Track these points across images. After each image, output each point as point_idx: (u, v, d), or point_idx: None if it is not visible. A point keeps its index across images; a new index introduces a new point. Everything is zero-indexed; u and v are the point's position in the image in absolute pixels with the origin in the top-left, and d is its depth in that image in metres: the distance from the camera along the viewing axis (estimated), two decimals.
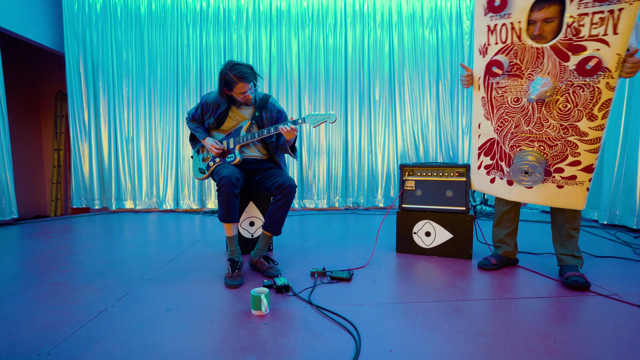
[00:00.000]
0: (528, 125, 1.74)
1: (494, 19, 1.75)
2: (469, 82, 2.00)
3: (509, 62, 1.74)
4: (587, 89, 1.53)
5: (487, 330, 1.36)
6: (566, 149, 1.66)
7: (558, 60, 1.58)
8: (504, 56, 1.75)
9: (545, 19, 1.59)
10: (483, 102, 1.93)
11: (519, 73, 1.72)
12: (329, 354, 1.21)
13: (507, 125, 1.83)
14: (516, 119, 1.78)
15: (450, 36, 4.26)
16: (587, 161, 1.62)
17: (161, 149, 4.24)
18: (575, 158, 1.65)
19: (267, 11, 4.17)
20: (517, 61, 1.71)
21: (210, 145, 2.11)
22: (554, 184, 1.74)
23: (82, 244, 2.77)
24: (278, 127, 2.01)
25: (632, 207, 2.94)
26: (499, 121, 1.86)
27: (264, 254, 2.07)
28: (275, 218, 2.01)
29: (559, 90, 1.61)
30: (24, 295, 1.74)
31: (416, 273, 2.02)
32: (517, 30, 1.68)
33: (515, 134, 1.81)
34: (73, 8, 4.08)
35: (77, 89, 4.15)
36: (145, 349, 1.25)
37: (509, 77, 1.76)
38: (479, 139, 2.02)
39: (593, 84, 1.51)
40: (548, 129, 1.68)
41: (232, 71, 1.92)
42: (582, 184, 1.66)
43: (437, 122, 4.32)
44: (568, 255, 1.89)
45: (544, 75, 1.64)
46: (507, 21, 1.70)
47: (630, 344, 1.26)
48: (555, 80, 1.60)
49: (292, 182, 2.00)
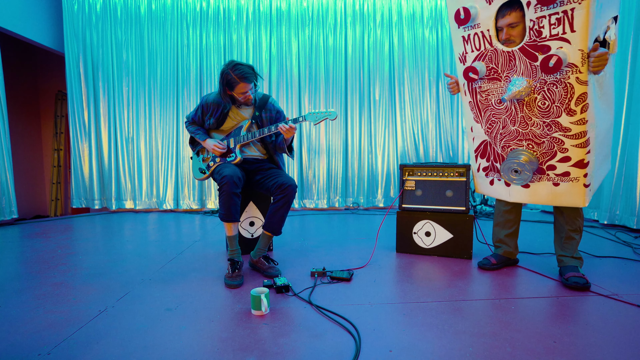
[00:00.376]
0: (514, 125, 1.79)
1: (466, 30, 1.86)
2: (455, 89, 2.09)
3: (486, 67, 1.83)
4: (560, 85, 1.59)
5: (487, 330, 1.36)
6: (553, 146, 1.70)
7: (528, 61, 1.66)
8: (480, 62, 1.85)
9: (509, 24, 1.67)
10: (471, 106, 2.00)
11: (497, 76, 1.81)
12: (329, 354, 1.21)
13: (495, 127, 1.89)
14: (502, 119, 1.84)
15: (450, 36, 4.25)
16: (577, 156, 1.65)
17: (161, 149, 4.24)
18: (563, 154, 1.68)
19: (267, 11, 4.17)
20: (492, 65, 1.80)
21: (212, 145, 2.11)
22: (550, 182, 1.76)
23: (82, 244, 2.77)
24: (278, 125, 2.02)
25: (632, 207, 2.94)
26: (488, 123, 1.92)
27: (264, 254, 2.07)
28: (275, 218, 2.01)
29: (534, 88, 1.67)
30: (24, 295, 1.74)
31: (416, 273, 2.02)
32: (487, 38, 1.79)
33: (504, 134, 1.86)
34: (73, 8, 4.08)
35: (77, 89, 4.15)
36: (145, 349, 1.25)
37: (489, 81, 1.85)
38: (473, 142, 2.08)
39: (564, 79, 1.57)
40: (533, 127, 1.73)
41: (233, 71, 1.93)
42: (578, 180, 1.68)
43: (437, 122, 4.33)
44: (567, 257, 1.89)
45: (518, 76, 1.71)
46: (477, 30, 1.82)
47: (630, 344, 1.26)
48: (530, 79, 1.67)
49: (292, 182, 2.01)
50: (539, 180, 1.79)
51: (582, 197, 1.70)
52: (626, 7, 3.00)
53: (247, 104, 2.13)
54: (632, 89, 2.98)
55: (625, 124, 3.03)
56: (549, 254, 2.31)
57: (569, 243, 1.89)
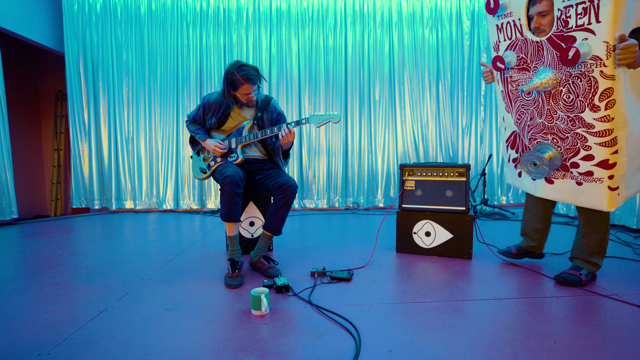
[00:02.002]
0: (541, 117, 1.75)
1: (500, 19, 1.85)
2: (489, 78, 2.05)
3: (516, 56, 1.81)
4: (584, 79, 1.53)
5: (487, 330, 1.36)
6: (577, 142, 1.63)
7: (555, 51, 1.62)
8: (511, 51, 1.83)
9: (540, 12, 1.65)
10: (502, 95, 1.99)
11: (526, 66, 1.78)
12: (329, 354, 1.21)
13: (523, 118, 1.86)
14: (530, 111, 1.81)
15: (450, 36, 4.26)
16: (601, 155, 1.56)
17: (161, 149, 4.24)
18: (587, 152, 1.61)
19: (267, 11, 4.17)
20: (522, 55, 1.78)
21: (213, 146, 2.11)
22: (573, 180, 1.69)
23: (82, 244, 2.77)
24: (281, 127, 2.03)
25: (632, 207, 2.94)
26: (517, 114, 1.90)
27: (264, 254, 2.07)
28: (275, 218, 2.01)
29: (560, 80, 1.63)
30: (24, 295, 1.74)
31: (416, 273, 2.02)
32: (518, 27, 1.76)
33: (531, 126, 1.82)
34: (73, 8, 4.08)
35: (77, 89, 4.15)
36: (145, 349, 1.25)
37: (519, 71, 1.82)
38: (505, 131, 2.07)
39: (588, 73, 1.51)
40: (557, 121, 1.68)
41: (238, 72, 1.94)
42: (601, 181, 1.59)
43: (437, 122, 4.33)
44: (579, 258, 1.86)
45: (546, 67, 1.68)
46: (510, 19, 1.80)
47: (630, 344, 1.26)
48: (556, 72, 1.63)
49: (293, 182, 2.01)
50: (562, 178, 1.74)
51: (607, 201, 1.59)
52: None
53: (249, 105, 2.13)
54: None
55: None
56: (550, 254, 2.31)
57: (584, 244, 1.85)
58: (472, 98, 4.33)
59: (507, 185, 4.42)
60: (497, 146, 4.39)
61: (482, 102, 4.34)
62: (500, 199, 4.43)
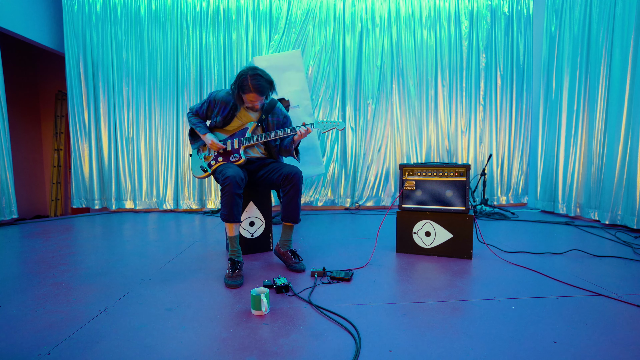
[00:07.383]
0: None
1: None
2: None
3: None
4: None
5: (487, 331, 1.36)
6: None
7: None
8: None
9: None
10: None
11: None
12: (329, 354, 1.21)
13: None
14: None
15: (449, 36, 4.27)
16: None
17: (161, 149, 4.24)
18: None
19: (267, 11, 4.17)
20: None
21: (210, 140, 2.12)
22: None
23: (82, 244, 2.76)
24: (296, 129, 2.03)
25: (633, 207, 2.94)
26: None
27: (290, 247, 2.12)
28: (290, 207, 2.06)
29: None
30: (24, 295, 1.74)
31: (416, 273, 2.02)
32: None
33: None
34: (73, 8, 4.08)
35: (77, 89, 4.15)
36: (145, 349, 1.25)
37: None
38: None
39: None
40: None
41: (252, 79, 1.95)
42: None
43: (437, 122, 4.33)
44: None
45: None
46: None
47: (630, 344, 1.26)
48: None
49: (297, 169, 2.06)
50: None
51: None
52: (627, 7, 3.00)
53: (254, 109, 2.14)
54: (632, 89, 2.97)
55: (626, 124, 3.03)
56: (550, 253, 2.31)
57: None
58: (472, 98, 4.33)
59: (507, 185, 4.42)
60: (497, 146, 4.39)
61: (482, 102, 4.34)
62: (500, 199, 4.43)
